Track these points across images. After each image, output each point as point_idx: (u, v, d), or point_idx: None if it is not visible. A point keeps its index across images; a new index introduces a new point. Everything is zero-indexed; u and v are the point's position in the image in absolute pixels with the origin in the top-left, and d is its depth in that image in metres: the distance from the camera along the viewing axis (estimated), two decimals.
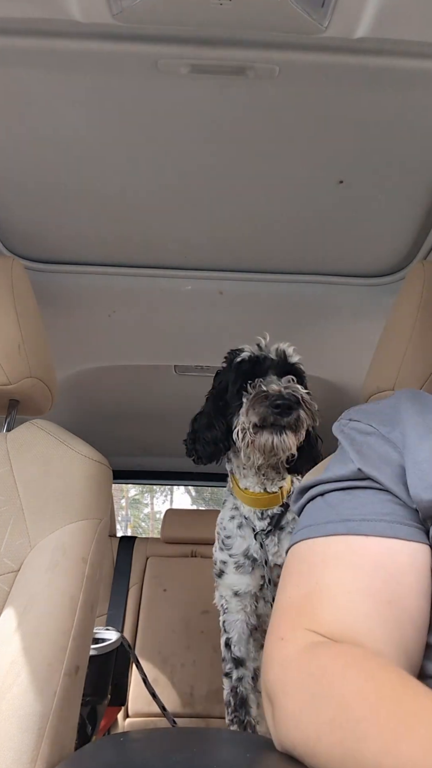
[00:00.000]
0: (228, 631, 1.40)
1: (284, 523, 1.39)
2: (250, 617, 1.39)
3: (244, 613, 1.39)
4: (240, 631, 1.38)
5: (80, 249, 1.40)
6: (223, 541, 1.42)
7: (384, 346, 1.13)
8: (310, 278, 1.48)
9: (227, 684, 1.38)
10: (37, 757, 0.73)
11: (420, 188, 1.16)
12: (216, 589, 1.44)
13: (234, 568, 1.39)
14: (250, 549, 1.38)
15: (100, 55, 0.87)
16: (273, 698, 0.55)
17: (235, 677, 1.37)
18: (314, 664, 0.52)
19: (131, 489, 17.98)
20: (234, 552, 1.39)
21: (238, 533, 1.41)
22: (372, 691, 0.46)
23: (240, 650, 1.38)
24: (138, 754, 0.57)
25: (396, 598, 0.57)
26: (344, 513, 0.64)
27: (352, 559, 0.60)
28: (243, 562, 1.38)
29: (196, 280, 1.48)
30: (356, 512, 0.64)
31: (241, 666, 1.37)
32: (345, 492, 0.67)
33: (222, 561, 1.42)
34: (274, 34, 0.82)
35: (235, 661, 1.37)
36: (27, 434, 1.07)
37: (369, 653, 0.52)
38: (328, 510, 0.67)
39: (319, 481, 0.71)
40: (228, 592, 1.40)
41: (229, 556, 1.40)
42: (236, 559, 1.39)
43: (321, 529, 0.65)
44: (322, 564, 0.62)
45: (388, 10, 0.76)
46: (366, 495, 0.66)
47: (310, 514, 0.69)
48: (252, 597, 1.38)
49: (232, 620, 1.39)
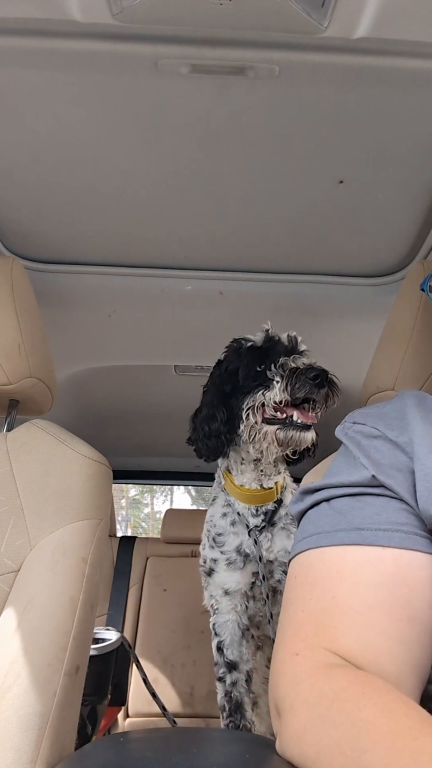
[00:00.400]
0: (219, 634, 1.37)
1: (276, 518, 1.38)
2: (241, 617, 1.37)
3: (235, 612, 1.36)
4: (232, 633, 1.36)
5: (80, 249, 1.40)
6: (213, 538, 1.40)
7: (384, 346, 1.13)
8: (310, 278, 1.48)
9: (221, 689, 1.36)
10: (37, 757, 0.73)
11: (420, 188, 1.16)
12: (205, 589, 1.42)
13: (225, 565, 1.37)
14: (243, 544, 1.36)
15: (100, 55, 0.87)
16: (281, 712, 0.54)
17: (229, 681, 1.34)
18: (328, 686, 0.51)
19: (131, 489, 17.99)
20: (226, 549, 1.37)
21: (230, 530, 1.39)
22: (385, 725, 0.44)
23: (233, 653, 1.35)
24: (138, 754, 0.57)
25: (417, 614, 0.55)
26: (356, 521, 0.62)
27: (370, 572, 0.58)
28: (234, 558, 1.36)
29: (196, 280, 1.48)
30: (369, 521, 0.61)
31: (234, 670, 1.35)
32: (355, 498, 0.65)
33: (212, 559, 1.39)
34: (274, 34, 0.82)
35: (228, 665, 1.35)
36: (27, 434, 1.07)
37: (390, 687, 0.50)
38: (336, 517, 0.64)
39: (325, 485, 0.68)
40: (218, 591, 1.38)
41: (220, 554, 1.38)
42: (228, 556, 1.36)
43: (332, 538, 0.62)
44: (338, 576, 0.59)
45: (388, 10, 0.76)
46: (379, 503, 0.63)
47: (316, 521, 0.67)
48: (243, 595, 1.36)
49: (222, 621, 1.37)
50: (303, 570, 0.64)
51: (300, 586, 0.63)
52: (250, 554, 1.35)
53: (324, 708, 0.49)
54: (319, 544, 0.63)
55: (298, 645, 0.57)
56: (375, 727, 0.44)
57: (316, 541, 0.63)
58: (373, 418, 0.74)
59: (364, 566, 0.59)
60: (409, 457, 0.65)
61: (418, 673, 0.55)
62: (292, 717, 0.52)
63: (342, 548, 0.61)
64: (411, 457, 0.65)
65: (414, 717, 0.45)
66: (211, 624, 1.40)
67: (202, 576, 1.43)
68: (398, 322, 1.09)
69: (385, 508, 0.62)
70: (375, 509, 0.62)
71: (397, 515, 0.61)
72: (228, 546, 1.37)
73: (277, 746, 0.54)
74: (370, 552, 0.59)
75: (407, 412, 0.71)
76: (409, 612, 0.55)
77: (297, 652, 0.56)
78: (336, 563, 0.60)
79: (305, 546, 0.65)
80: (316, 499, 0.69)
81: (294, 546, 0.68)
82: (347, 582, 0.58)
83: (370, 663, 0.53)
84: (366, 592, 0.57)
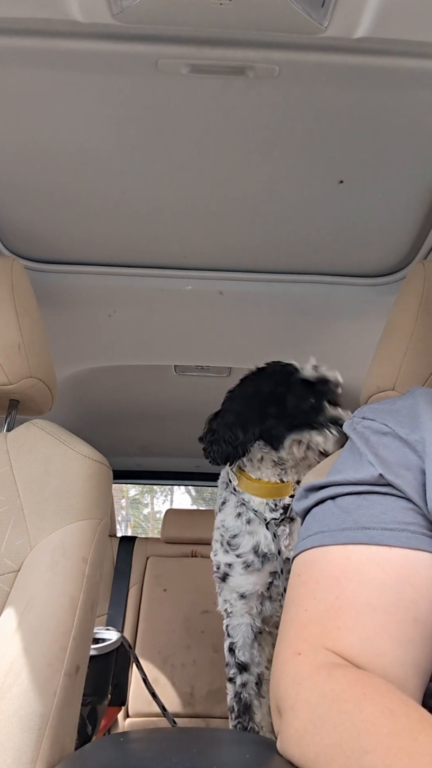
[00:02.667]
0: (232, 636, 1.36)
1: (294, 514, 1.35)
2: (255, 620, 1.35)
3: (249, 615, 1.35)
4: (245, 636, 1.34)
5: (80, 249, 1.40)
6: (228, 542, 1.37)
7: (384, 346, 1.13)
8: (310, 278, 1.47)
9: (231, 689, 1.35)
10: (37, 757, 0.73)
11: (420, 188, 1.16)
12: (218, 594, 1.40)
13: (242, 568, 1.34)
14: (260, 544, 1.34)
15: (100, 55, 0.87)
16: (282, 712, 0.54)
17: (239, 683, 1.33)
18: (329, 686, 0.51)
19: (131, 489, 17.98)
20: (242, 551, 1.35)
21: (246, 530, 1.36)
22: (386, 725, 0.44)
23: (244, 655, 1.34)
24: (138, 754, 0.57)
25: (421, 615, 0.55)
26: (362, 520, 0.61)
27: (375, 572, 0.57)
28: (252, 560, 1.33)
29: (196, 280, 1.48)
30: (375, 520, 0.60)
31: (245, 671, 1.34)
32: (361, 497, 0.64)
33: (227, 564, 1.37)
34: (274, 34, 0.82)
35: (239, 666, 1.34)
36: (27, 434, 1.07)
37: (391, 687, 0.50)
38: (342, 516, 0.63)
39: (330, 482, 0.68)
40: (233, 596, 1.36)
41: (236, 557, 1.35)
42: (244, 559, 1.34)
43: (337, 536, 0.61)
44: (343, 576, 0.59)
45: (388, 10, 0.76)
46: (386, 501, 0.62)
47: (321, 519, 0.66)
48: (258, 598, 1.35)
49: (236, 624, 1.35)
50: (307, 568, 0.63)
51: (303, 585, 0.62)
52: (268, 553, 1.32)
53: (325, 708, 0.49)
54: (323, 542, 0.62)
55: (300, 645, 0.57)
56: (375, 728, 0.44)
57: (321, 539, 0.63)
58: (383, 414, 0.72)
59: (369, 566, 0.58)
60: (419, 456, 0.64)
61: (421, 674, 0.54)
62: (293, 717, 0.52)
63: (347, 547, 0.60)
64: (421, 456, 0.63)
65: (414, 717, 0.45)
66: (224, 626, 1.39)
67: (216, 582, 1.40)
68: (398, 322, 1.09)
69: (391, 508, 0.61)
70: (381, 508, 0.62)
71: (404, 515, 0.60)
72: (243, 548, 1.35)
73: (278, 746, 0.54)
74: (376, 551, 0.58)
75: (419, 410, 0.69)
76: (414, 613, 0.55)
77: (299, 652, 0.56)
78: (341, 562, 0.60)
79: (309, 544, 0.64)
80: (321, 496, 0.68)
81: (298, 544, 0.67)
82: (352, 582, 0.58)
83: (372, 664, 0.53)
84: (370, 593, 0.56)
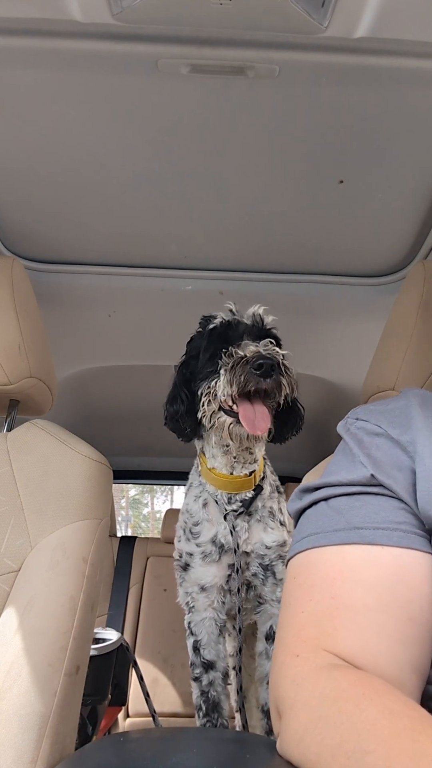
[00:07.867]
0: (196, 633, 1.29)
1: (253, 509, 1.30)
2: (218, 614, 1.30)
3: (212, 609, 1.29)
4: (209, 632, 1.29)
5: (80, 249, 1.40)
6: (190, 530, 1.32)
7: (384, 346, 1.13)
8: (310, 278, 1.48)
9: (196, 688, 1.29)
10: (37, 757, 0.73)
11: (420, 188, 1.16)
12: (179, 585, 1.35)
13: (200, 558, 1.29)
14: (218, 534, 1.28)
15: (100, 55, 0.87)
16: (282, 713, 0.54)
17: (206, 682, 1.28)
18: (329, 687, 0.51)
19: (131, 489, 18.00)
20: (201, 540, 1.29)
21: (205, 517, 1.30)
22: (386, 726, 0.44)
23: (210, 653, 1.29)
24: (138, 754, 0.57)
25: (416, 614, 0.55)
26: (354, 521, 0.62)
27: (369, 572, 0.58)
28: (210, 550, 1.28)
29: (196, 280, 1.48)
30: (368, 520, 0.61)
31: (211, 669, 1.28)
32: (353, 498, 0.64)
33: (188, 553, 1.31)
34: (274, 34, 0.82)
35: (205, 665, 1.28)
36: (27, 434, 1.07)
37: (390, 687, 0.50)
38: (335, 517, 0.64)
39: (323, 484, 0.68)
40: (194, 588, 1.31)
41: (196, 546, 1.30)
42: (203, 548, 1.29)
43: (330, 537, 0.62)
44: (338, 577, 0.59)
45: (388, 10, 0.76)
46: (377, 502, 0.62)
47: (314, 521, 0.66)
48: (219, 590, 1.29)
49: (199, 620, 1.30)
50: (302, 570, 0.64)
51: (299, 587, 0.63)
52: (226, 545, 1.28)
53: (325, 709, 0.49)
54: (317, 543, 0.63)
55: (298, 646, 0.57)
56: (376, 729, 0.44)
57: (315, 541, 0.63)
58: (376, 415, 0.73)
59: (363, 566, 0.58)
60: (410, 457, 0.65)
61: (418, 673, 0.54)
62: (293, 718, 0.52)
63: (341, 548, 0.61)
64: (412, 457, 0.64)
65: (414, 718, 0.45)
66: (186, 622, 1.33)
67: (176, 572, 1.36)
68: (398, 322, 1.09)
69: (383, 507, 0.62)
70: (373, 508, 0.62)
71: (396, 514, 0.61)
72: (203, 537, 1.30)
73: (278, 747, 0.54)
74: (369, 551, 0.59)
75: (411, 412, 0.70)
76: (409, 612, 0.55)
77: (298, 654, 0.56)
78: (335, 563, 0.60)
79: (304, 546, 0.64)
80: (315, 498, 0.68)
81: (292, 546, 0.68)
82: (347, 582, 0.58)
83: (370, 664, 0.53)
84: (366, 593, 0.57)
